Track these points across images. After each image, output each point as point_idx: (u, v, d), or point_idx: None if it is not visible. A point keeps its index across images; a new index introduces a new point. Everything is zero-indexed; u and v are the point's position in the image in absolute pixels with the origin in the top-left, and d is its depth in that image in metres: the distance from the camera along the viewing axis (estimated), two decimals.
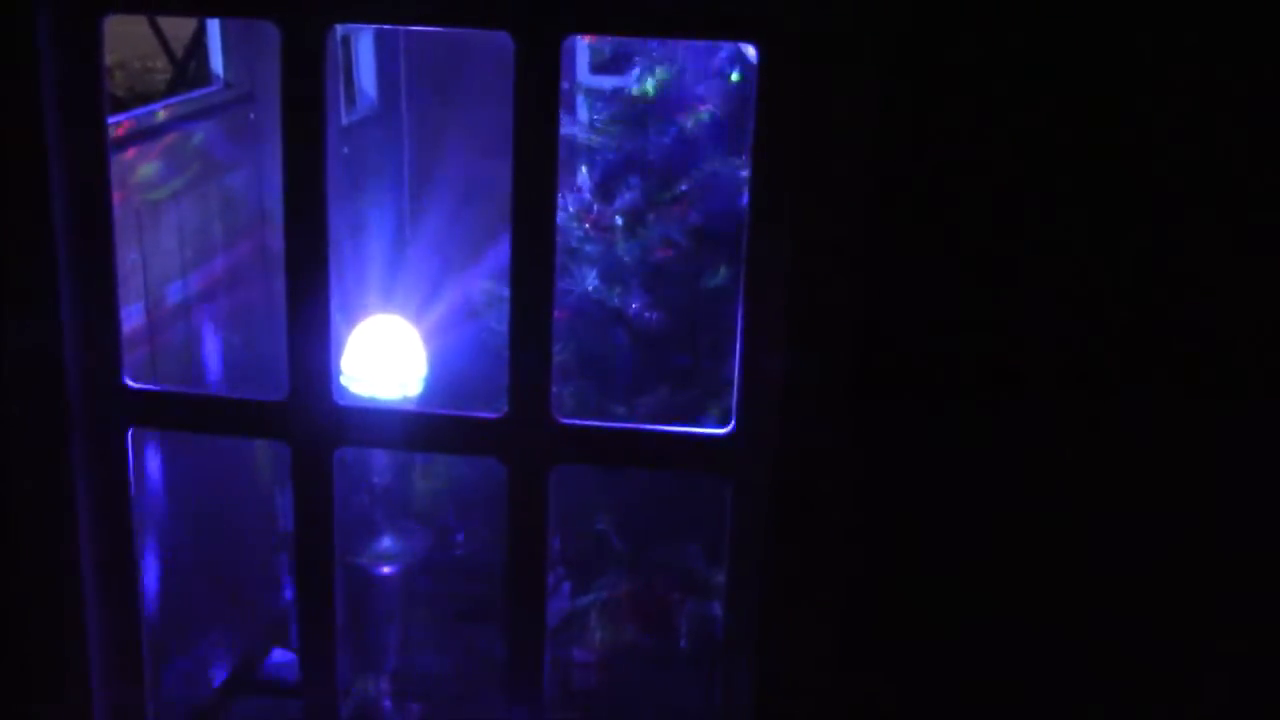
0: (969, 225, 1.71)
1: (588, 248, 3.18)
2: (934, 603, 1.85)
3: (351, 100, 4.08)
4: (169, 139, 3.11)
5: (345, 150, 3.93)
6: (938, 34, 1.65)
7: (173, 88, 4.20)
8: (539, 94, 1.80)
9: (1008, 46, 1.64)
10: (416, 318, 3.38)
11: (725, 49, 3.11)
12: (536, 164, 1.83)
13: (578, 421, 2.01)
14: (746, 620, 1.92)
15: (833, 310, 1.75)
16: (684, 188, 3.10)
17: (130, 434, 2.04)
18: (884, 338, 1.75)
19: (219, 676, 3.39)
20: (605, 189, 3.21)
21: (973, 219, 1.70)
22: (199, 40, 3.89)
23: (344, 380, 3.16)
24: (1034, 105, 1.66)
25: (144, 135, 3.02)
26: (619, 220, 3.16)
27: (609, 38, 3.49)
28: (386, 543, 3.22)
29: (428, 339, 3.30)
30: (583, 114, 3.36)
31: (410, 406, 3.14)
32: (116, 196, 1.99)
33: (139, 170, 2.96)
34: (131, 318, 2.88)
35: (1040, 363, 1.75)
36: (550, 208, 1.85)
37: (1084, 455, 1.77)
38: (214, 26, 3.48)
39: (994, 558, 1.83)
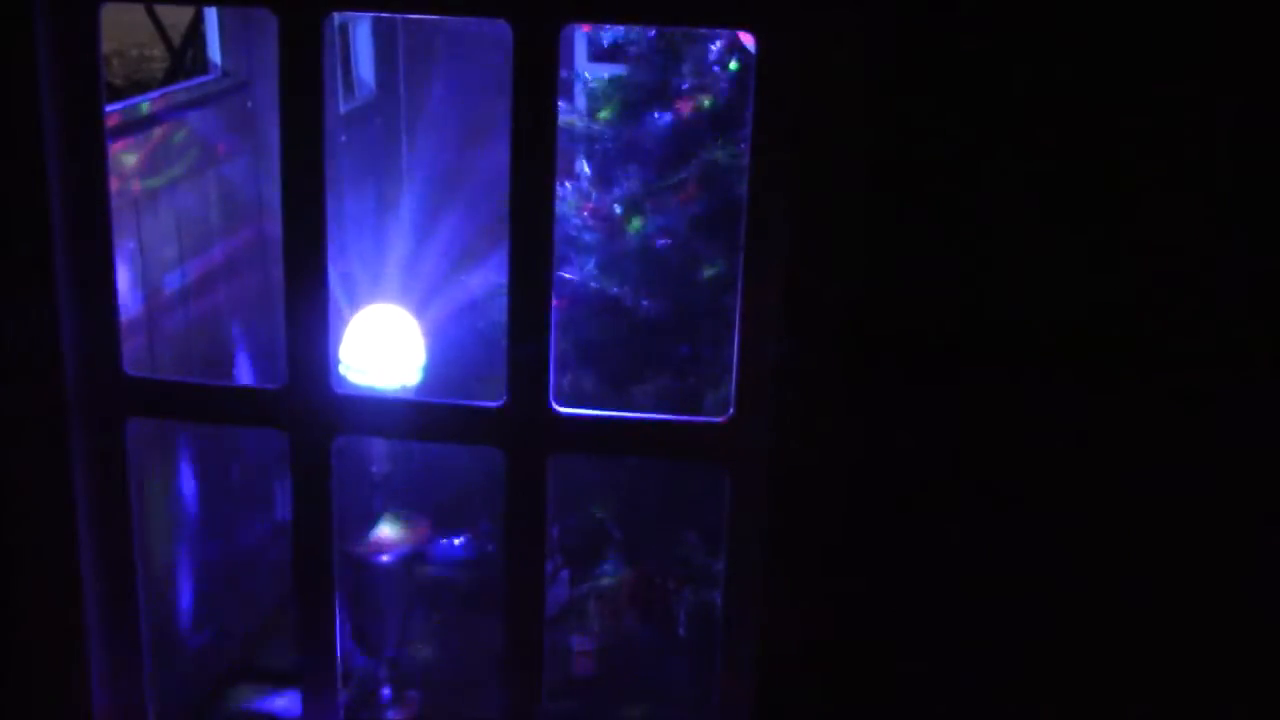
0: (966, 213, 1.71)
1: (586, 236, 3.18)
2: (933, 588, 1.86)
3: (349, 88, 4.08)
4: (166, 127, 3.10)
5: (343, 138, 3.92)
6: (934, 22, 1.64)
7: (170, 76, 4.20)
8: (538, 82, 1.80)
9: (1005, 35, 1.64)
10: (415, 307, 3.38)
11: (723, 37, 3.11)
12: (535, 152, 1.82)
13: (576, 411, 2.01)
14: (745, 608, 1.92)
15: (830, 298, 1.75)
16: (682, 176, 3.09)
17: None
18: (881, 325, 1.75)
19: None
20: (604, 177, 3.21)
21: (970, 207, 1.70)
22: (196, 28, 3.89)
23: (342, 369, 3.16)
24: (1031, 93, 1.65)
25: (141, 124, 3.02)
26: (617, 209, 3.15)
27: (607, 26, 3.48)
28: (385, 531, 3.22)
29: (426, 328, 3.30)
30: (581, 102, 3.35)
31: (409, 395, 3.14)
32: (114, 185, 1.98)
33: (136, 158, 2.96)
34: (129, 306, 2.88)
35: (1038, 349, 1.75)
36: (549, 196, 1.85)
37: (1081, 440, 1.77)
38: (211, 14, 3.48)
39: (993, 542, 1.83)
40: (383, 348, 3.20)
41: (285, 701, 3.32)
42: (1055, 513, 1.81)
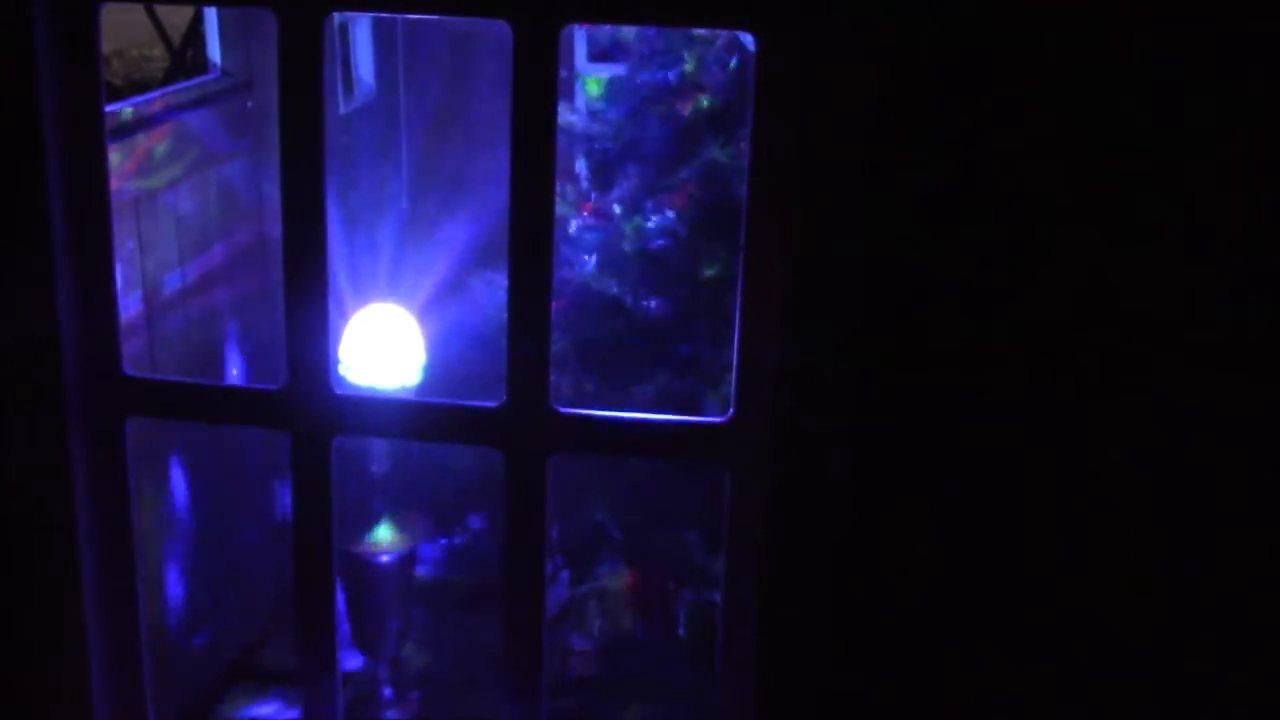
0: (967, 213, 1.71)
1: (586, 236, 3.18)
2: (932, 589, 1.86)
3: (349, 89, 4.08)
4: (166, 127, 3.10)
5: (343, 139, 3.92)
6: (936, 21, 1.64)
7: (170, 76, 4.20)
8: (537, 82, 1.80)
9: (1007, 35, 1.64)
10: (415, 306, 3.38)
11: (723, 36, 3.11)
12: (535, 152, 1.82)
13: (576, 410, 2.01)
14: (745, 608, 1.92)
15: (830, 298, 1.75)
16: (682, 176, 3.10)
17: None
18: (882, 325, 1.75)
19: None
20: (603, 177, 3.21)
21: (971, 207, 1.70)
22: (196, 28, 3.90)
23: (342, 369, 3.16)
24: (1034, 92, 1.65)
25: (141, 124, 3.02)
26: (617, 209, 3.15)
27: (607, 26, 3.48)
28: (385, 531, 3.23)
29: (426, 328, 3.30)
30: (581, 102, 3.36)
31: (408, 395, 3.14)
32: (113, 185, 1.98)
33: (136, 158, 2.96)
34: (129, 306, 2.88)
35: (1038, 349, 1.75)
36: (548, 196, 1.85)
37: (1084, 445, 1.77)
38: (211, 14, 3.48)
39: (992, 545, 1.83)
40: (383, 348, 3.20)
41: (285, 702, 3.32)
42: (1057, 514, 1.81)
